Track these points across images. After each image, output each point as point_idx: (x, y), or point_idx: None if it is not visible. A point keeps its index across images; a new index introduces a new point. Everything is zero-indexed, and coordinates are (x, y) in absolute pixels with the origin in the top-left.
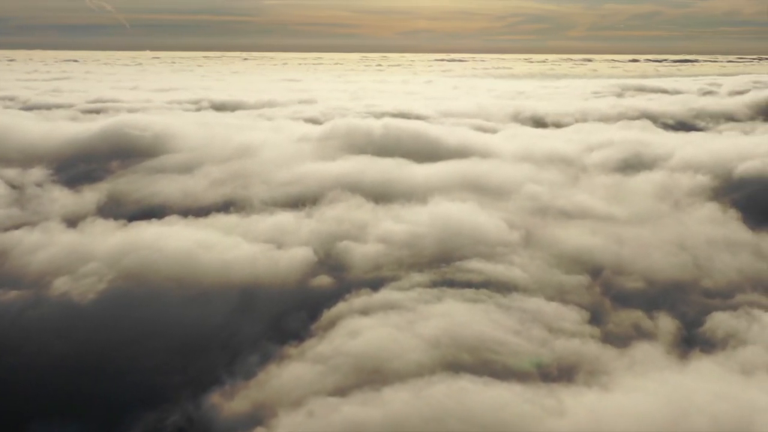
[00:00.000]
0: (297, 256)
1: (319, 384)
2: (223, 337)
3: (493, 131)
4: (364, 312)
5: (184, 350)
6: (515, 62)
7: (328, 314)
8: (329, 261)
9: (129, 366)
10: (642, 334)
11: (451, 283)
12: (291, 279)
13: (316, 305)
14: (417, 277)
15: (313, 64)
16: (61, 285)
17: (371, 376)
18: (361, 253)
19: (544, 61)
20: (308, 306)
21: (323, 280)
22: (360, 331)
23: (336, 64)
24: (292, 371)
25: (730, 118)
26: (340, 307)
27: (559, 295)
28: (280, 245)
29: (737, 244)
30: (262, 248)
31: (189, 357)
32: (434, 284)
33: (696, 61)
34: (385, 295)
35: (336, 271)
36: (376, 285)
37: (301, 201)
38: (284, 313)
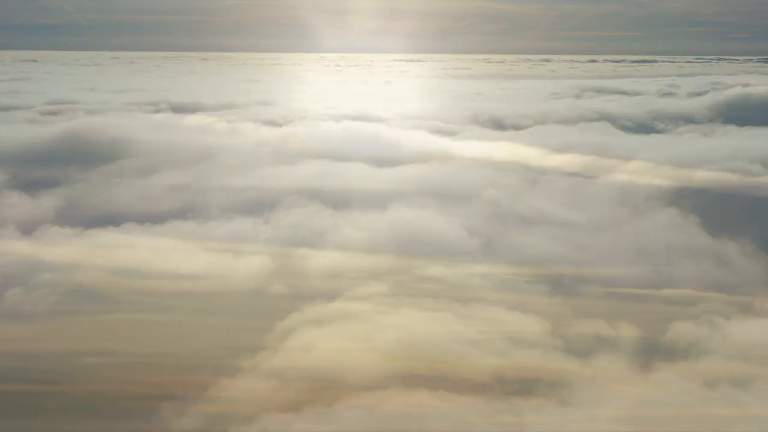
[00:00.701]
0: (253, 265)
1: (272, 399)
2: (175, 350)
3: (453, 134)
4: (319, 323)
5: (135, 364)
6: (474, 63)
7: (282, 325)
8: (286, 269)
9: (78, 380)
10: (604, 343)
11: (410, 292)
12: (246, 288)
13: (271, 316)
14: (375, 285)
15: (272, 64)
16: (11, 297)
17: (325, 391)
18: (319, 261)
19: (502, 62)
20: (263, 317)
21: (279, 289)
22: (314, 343)
23: (295, 64)
24: (244, 385)
25: (689, 120)
26: (295, 317)
27: (521, 305)
28: (236, 253)
29: (697, 250)
30: (218, 257)
31: (139, 371)
32: (392, 293)
33: (655, 61)
34: (341, 304)
35: (292, 280)
36: (332, 294)
37: (259, 207)
38: (238, 324)
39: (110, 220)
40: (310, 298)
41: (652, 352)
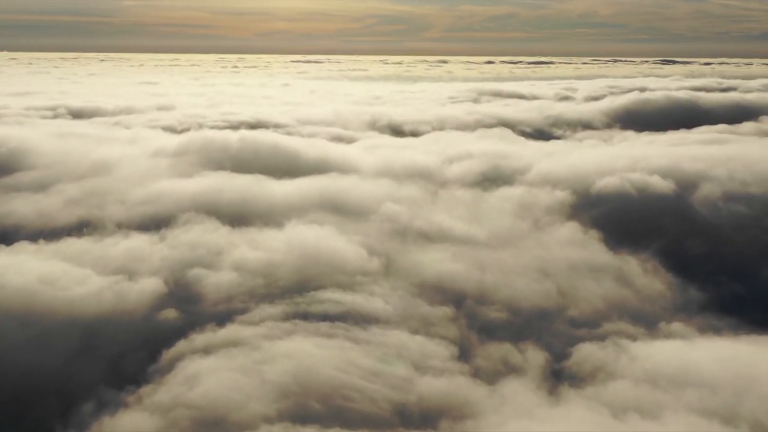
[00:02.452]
0: (146, 288)
1: None
2: (59, 383)
3: (351, 140)
4: (207, 351)
5: (18, 398)
6: (371, 64)
7: (167, 354)
8: (178, 292)
9: None
10: (511, 368)
11: (305, 316)
12: (137, 314)
13: (158, 344)
14: (268, 309)
15: (170, 65)
16: None
17: (211, 429)
18: (213, 282)
19: (399, 63)
20: (150, 345)
21: (169, 314)
22: (200, 375)
23: (193, 65)
24: (127, 422)
25: (587, 125)
26: (181, 345)
27: (424, 328)
28: (130, 275)
29: (600, 268)
30: (111, 280)
31: (22, 406)
32: (287, 317)
33: (551, 62)
34: (231, 330)
35: (184, 304)
36: (223, 319)
37: (155, 222)
38: (124, 354)
39: (3, 236)
40: (200, 323)
41: (558, 376)
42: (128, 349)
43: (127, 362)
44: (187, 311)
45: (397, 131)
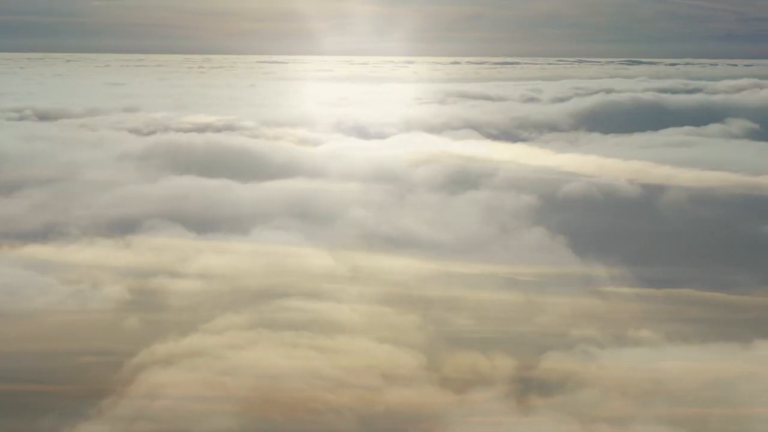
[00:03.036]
0: (110, 297)
1: None
2: (22, 394)
3: (318, 143)
4: (170, 362)
5: None
6: (337, 64)
7: (129, 365)
8: (142, 300)
9: None
10: (479, 377)
11: (271, 324)
12: (100, 323)
13: (121, 354)
14: (233, 317)
15: (136, 66)
16: None
17: None
18: (177, 290)
19: (365, 64)
20: (112, 355)
21: (133, 323)
22: (163, 386)
23: (158, 65)
24: None
25: (553, 127)
26: (144, 356)
27: (392, 336)
28: (94, 283)
29: (567, 274)
30: (74, 289)
31: None
32: (251, 326)
33: (517, 63)
34: (195, 340)
35: (147, 313)
36: (187, 328)
37: (121, 228)
38: (86, 364)
39: None
40: (163, 332)
41: (527, 385)
42: (90, 359)
43: (89, 373)
44: (150, 320)
45: (363, 133)
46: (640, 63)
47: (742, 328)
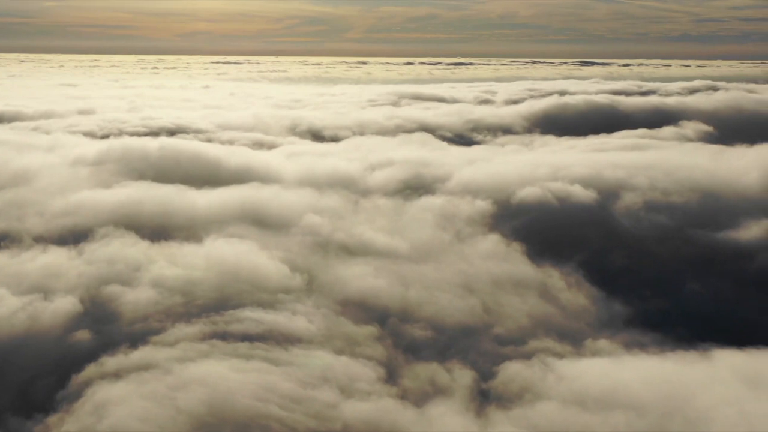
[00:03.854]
0: (61, 308)
1: None
2: None
3: (272, 146)
4: (118, 376)
5: None
6: (291, 65)
7: (77, 380)
8: (93, 311)
9: None
10: (438, 389)
11: (224, 336)
12: (50, 336)
13: (68, 368)
14: (185, 329)
15: (90, 66)
16: None
17: None
18: (129, 300)
19: (319, 64)
20: (60, 369)
21: (82, 336)
22: (110, 403)
23: (112, 66)
24: None
25: (507, 130)
26: (91, 370)
27: (349, 348)
28: (46, 293)
29: (523, 282)
30: (25, 300)
31: None
32: (204, 337)
33: (471, 64)
34: (145, 352)
35: (98, 324)
36: (137, 339)
37: (74, 236)
38: (33, 380)
39: None
40: (113, 345)
41: (486, 397)
42: (38, 375)
43: (36, 388)
44: (100, 332)
45: (317, 136)
46: (593, 64)
47: (701, 337)
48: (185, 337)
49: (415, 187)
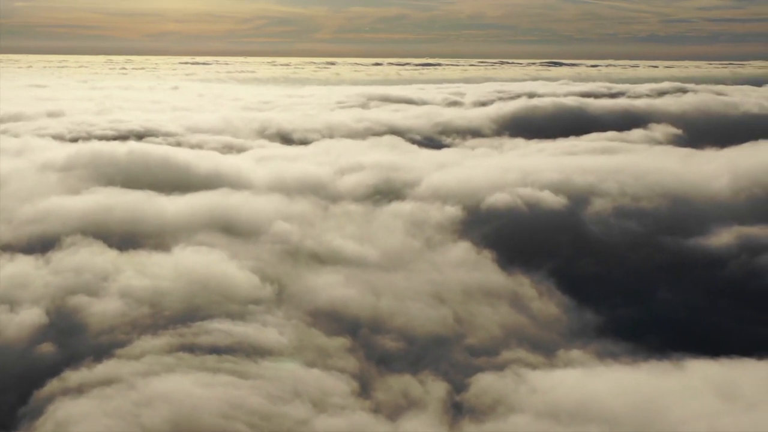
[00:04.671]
0: (26, 319)
1: None
2: None
3: (242, 149)
4: (81, 391)
5: None
6: (259, 65)
7: (39, 395)
8: (59, 322)
9: None
10: (411, 402)
11: (192, 348)
12: (14, 349)
13: (31, 383)
14: (152, 341)
15: (58, 67)
16: None
17: None
18: (96, 311)
19: (287, 65)
20: (23, 384)
21: (47, 349)
22: (72, 420)
23: (81, 66)
24: None
25: (476, 133)
26: (54, 385)
27: (321, 360)
28: (12, 304)
29: (494, 291)
30: None
31: None
32: (171, 349)
33: (439, 65)
34: (110, 366)
35: (63, 336)
36: (102, 353)
37: (42, 244)
38: None
39: None
40: (77, 358)
41: (459, 409)
42: (1, 389)
43: None
44: (65, 345)
45: (286, 139)
46: (561, 64)
47: (673, 347)
48: (151, 349)
49: (384, 192)
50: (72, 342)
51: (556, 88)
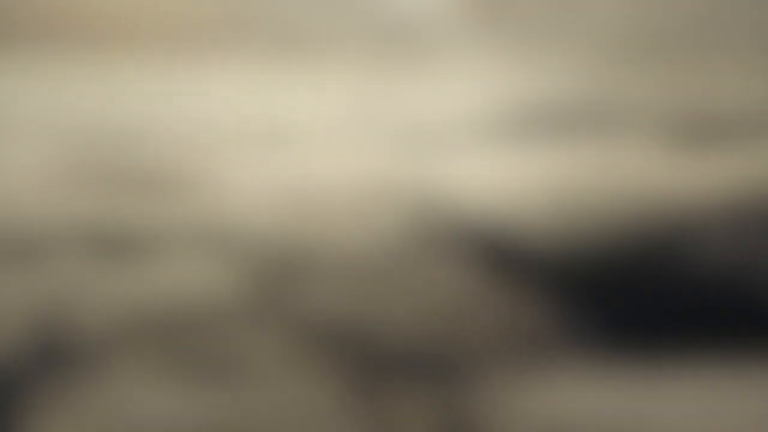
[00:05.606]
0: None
1: None
2: None
3: None
4: (58, 411)
5: None
6: None
7: (12, 416)
8: (39, 337)
9: None
10: (405, 421)
11: (172, 364)
12: None
13: (15, 389)
14: (134, 355)
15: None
16: None
17: None
18: (79, 323)
19: None
20: (6, 390)
21: (23, 366)
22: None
23: None
24: None
25: None
26: (30, 404)
27: (310, 376)
28: None
29: (484, 298)
30: None
31: None
32: (152, 364)
33: None
34: (91, 384)
35: (41, 352)
36: (82, 369)
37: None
38: None
39: None
40: (55, 377)
41: (455, 419)
42: None
43: None
44: (43, 361)
45: None
46: None
47: (651, 363)
48: (134, 366)
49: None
50: (51, 358)
51: None
